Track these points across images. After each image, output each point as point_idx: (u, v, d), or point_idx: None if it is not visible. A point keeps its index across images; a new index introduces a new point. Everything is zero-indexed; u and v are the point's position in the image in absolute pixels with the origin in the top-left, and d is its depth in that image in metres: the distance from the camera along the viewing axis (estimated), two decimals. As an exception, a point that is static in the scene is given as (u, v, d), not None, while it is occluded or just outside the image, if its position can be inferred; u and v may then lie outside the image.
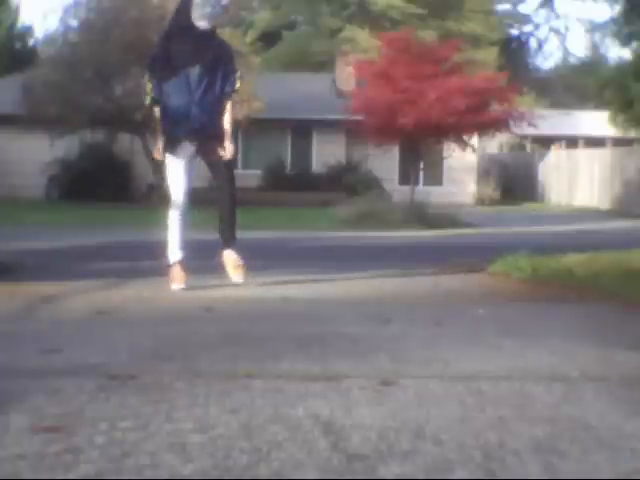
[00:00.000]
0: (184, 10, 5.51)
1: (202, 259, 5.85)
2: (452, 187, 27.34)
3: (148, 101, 5.65)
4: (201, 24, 5.45)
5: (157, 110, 5.62)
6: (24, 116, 21.73)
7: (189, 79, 5.48)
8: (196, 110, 5.50)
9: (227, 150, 5.57)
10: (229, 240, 5.69)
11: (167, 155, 5.62)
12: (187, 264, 5.65)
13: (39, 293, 5.13)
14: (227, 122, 5.60)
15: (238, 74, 5.65)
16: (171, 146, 5.58)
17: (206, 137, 5.57)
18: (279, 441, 2.17)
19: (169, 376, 2.85)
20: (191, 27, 5.46)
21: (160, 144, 5.63)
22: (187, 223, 5.71)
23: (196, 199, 5.75)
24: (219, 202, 5.70)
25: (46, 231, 12.36)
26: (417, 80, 18.05)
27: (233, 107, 5.66)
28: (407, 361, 3.21)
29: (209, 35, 5.55)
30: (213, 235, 5.84)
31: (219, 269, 5.69)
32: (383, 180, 25.09)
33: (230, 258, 5.65)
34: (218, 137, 5.57)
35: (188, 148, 5.60)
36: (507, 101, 19.05)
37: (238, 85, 5.63)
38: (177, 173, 5.63)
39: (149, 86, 5.59)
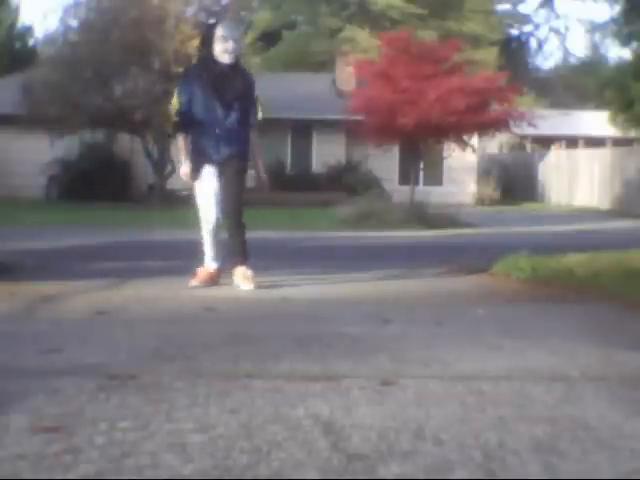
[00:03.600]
0: (206, 45, 5.62)
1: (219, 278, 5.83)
2: (452, 187, 27.34)
3: (172, 130, 5.81)
4: (224, 58, 5.53)
5: (180, 137, 5.67)
6: (24, 116, 21.72)
7: (219, 110, 5.57)
8: (223, 141, 5.59)
9: (264, 181, 5.77)
10: (242, 260, 5.68)
11: (198, 178, 5.67)
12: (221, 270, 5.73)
13: (39, 293, 5.13)
14: (258, 154, 5.76)
15: (259, 106, 5.75)
16: (199, 171, 5.64)
17: (230, 166, 5.62)
18: (279, 441, 2.17)
19: (169, 376, 2.85)
20: (214, 61, 5.55)
21: (188, 165, 5.66)
22: (219, 236, 5.72)
23: None
24: (228, 228, 5.71)
25: (46, 231, 12.35)
26: (417, 80, 18.04)
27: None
28: (407, 361, 3.21)
29: (232, 69, 5.59)
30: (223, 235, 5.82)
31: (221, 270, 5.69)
32: (383, 180, 25.08)
33: (240, 271, 5.65)
34: (239, 164, 5.67)
35: (212, 172, 5.65)
36: (507, 101, 19.04)
37: (261, 115, 5.74)
38: (208, 195, 5.62)
39: (175, 109, 5.67)
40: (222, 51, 5.52)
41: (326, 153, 26.52)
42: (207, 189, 5.64)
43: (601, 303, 5.04)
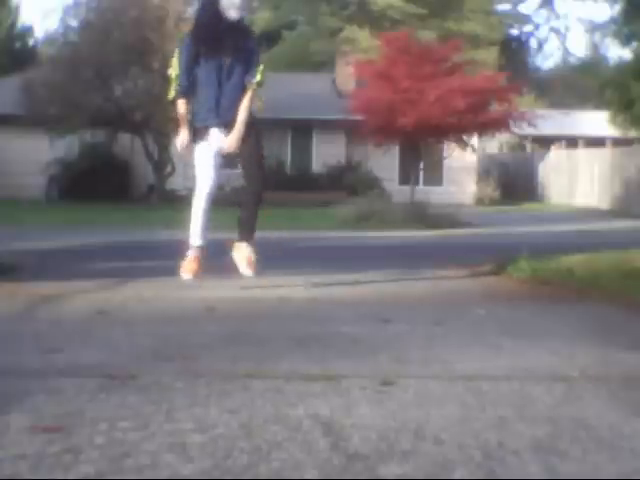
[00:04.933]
0: (211, 1, 5.37)
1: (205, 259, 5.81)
2: (452, 187, 27.35)
3: (172, 94, 5.47)
4: (231, 13, 5.30)
5: (181, 103, 5.44)
6: (24, 116, 21.74)
7: (221, 70, 5.36)
8: (224, 102, 5.39)
9: (227, 140, 5.40)
10: (248, 235, 5.55)
11: (196, 144, 5.45)
12: (202, 259, 5.50)
13: (39, 293, 5.12)
14: (241, 113, 5.40)
15: (261, 67, 5.47)
16: (201, 134, 5.43)
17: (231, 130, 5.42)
18: (279, 441, 2.17)
19: (169, 376, 2.85)
20: (220, 17, 5.31)
21: (185, 135, 5.45)
22: (210, 213, 5.48)
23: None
24: (244, 197, 5.54)
25: (46, 231, 12.35)
26: (417, 80, 18.05)
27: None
28: (407, 361, 3.21)
29: (237, 25, 5.39)
30: (222, 235, 5.75)
31: (221, 270, 5.67)
32: (383, 180, 25.10)
33: (244, 250, 5.52)
34: (254, 129, 5.45)
35: (218, 136, 5.45)
36: (507, 101, 19.05)
37: (259, 78, 5.44)
38: (206, 162, 5.43)
39: (174, 73, 5.41)
40: (229, 6, 5.30)
41: (326, 153, 26.53)
42: (206, 151, 5.44)
43: (601, 303, 5.04)
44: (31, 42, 37.84)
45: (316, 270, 6.85)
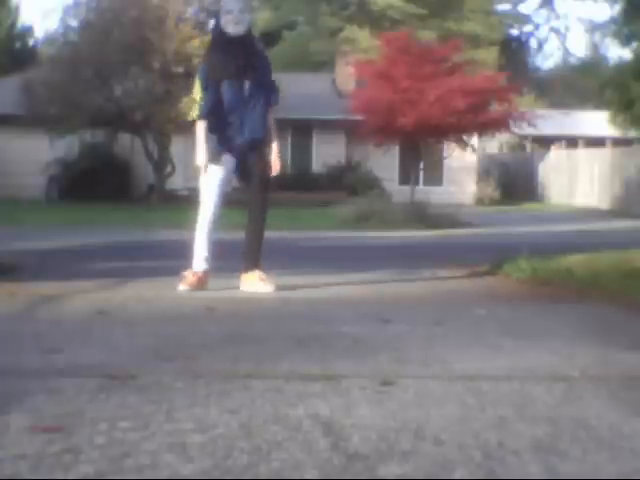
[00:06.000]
0: (217, 21, 5.52)
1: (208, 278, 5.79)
2: (452, 187, 27.36)
3: (195, 115, 5.52)
4: (231, 29, 5.36)
5: (201, 124, 5.46)
6: (24, 116, 21.74)
7: (242, 91, 5.43)
8: (248, 123, 5.46)
9: (275, 166, 5.60)
10: (255, 264, 5.58)
11: (210, 166, 5.48)
12: (209, 274, 5.52)
13: (39, 293, 5.12)
14: (274, 137, 5.62)
15: (279, 87, 5.64)
16: (218, 157, 5.47)
17: (253, 150, 5.51)
18: (279, 441, 2.17)
19: (169, 376, 2.85)
20: (226, 39, 5.38)
21: (204, 155, 5.45)
22: (214, 234, 5.53)
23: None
24: (249, 223, 5.59)
25: (46, 231, 12.35)
26: (417, 80, 18.05)
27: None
28: (407, 361, 3.21)
29: (248, 43, 5.46)
30: (223, 235, 5.74)
31: (221, 270, 5.67)
32: (383, 180, 25.09)
33: (254, 275, 5.54)
34: (263, 150, 5.58)
35: (231, 161, 5.52)
36: (507, 101, 19.05)
37: (278, 99, 5.63)
38: (215, 185, 5.47)
39: (198, 95, 5.49)
40: (227, 23, 5.36)
41: (326, 153, 26.53)
42: (218, 175, 5.46)
43: (601, 303, 5.04)
44: (31, 42, 37.87)
45: (316, 270, 6.85)
